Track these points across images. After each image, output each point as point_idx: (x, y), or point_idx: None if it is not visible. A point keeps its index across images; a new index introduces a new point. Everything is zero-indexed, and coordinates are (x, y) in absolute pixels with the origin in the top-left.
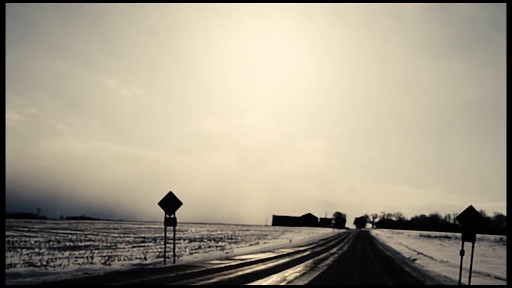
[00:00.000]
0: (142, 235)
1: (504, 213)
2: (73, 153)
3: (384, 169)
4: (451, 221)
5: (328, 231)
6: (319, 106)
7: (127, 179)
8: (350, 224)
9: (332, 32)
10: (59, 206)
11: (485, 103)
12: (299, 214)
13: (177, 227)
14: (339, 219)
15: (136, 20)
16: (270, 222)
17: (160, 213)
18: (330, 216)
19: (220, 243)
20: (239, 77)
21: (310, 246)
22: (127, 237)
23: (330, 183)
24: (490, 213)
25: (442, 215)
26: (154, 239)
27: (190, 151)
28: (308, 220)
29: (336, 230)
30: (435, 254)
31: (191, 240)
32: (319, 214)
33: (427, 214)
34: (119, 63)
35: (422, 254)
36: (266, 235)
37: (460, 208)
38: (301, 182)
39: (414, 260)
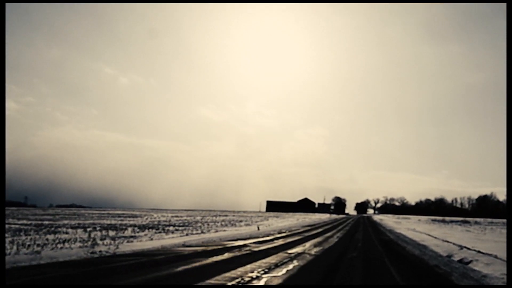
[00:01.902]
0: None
1: None
2: (72, 142)
3: (385, 155)
4: (458, 205)
5: (324, 217)
6: (318, 94)
7: (126, 167)
8: (350, 210)
9: (331, 17)
10: (56, 195)
11: (485, 87)
12: (297, 200)
13: (136, 213)
14: (338, 204)
15: (133, 8)
16: (264, 208)
17: (161, 201)
18: (329, 201)
19: (158, 231)
20: (238, 65)
21: (281, 235)
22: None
23: (330, 171)
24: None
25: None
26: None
27: (189, 139)
28: (304, 206)
29: (334, 216)
30: (481, 246)
31: (140, 227)
32: (318, 200)
33: (431, 198)
34: (116, 51)
35: (461, 246)
36: (241, 221)
37: (463, 194)
38: (301, 169)
39: (464, 261)
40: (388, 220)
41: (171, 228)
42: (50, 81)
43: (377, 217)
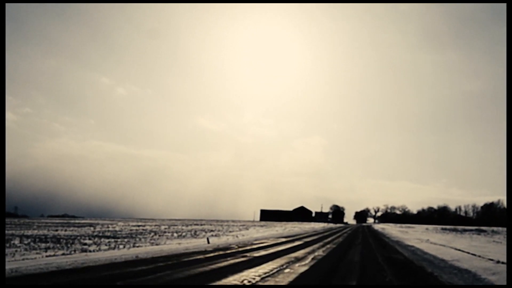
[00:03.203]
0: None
1: None
2: (69, 153)
3: (383, 164)
4: (462, 214)
5: (318, 226)
6: (316, 103)
7: (124, 178)
8: (349, 219)
9: (328, 25)
10: (52, 205)
11: (484, 94)
12: (293, 209)
13: (106, 222)
14: (336, 213)
15: (129, 18)
16: (258, 217)
17: (159, 212)
18: (327, 210)
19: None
20: (235, 75)
21: (232, 251)
22: None
23: (328, 180)
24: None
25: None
26: None
27: (186, 149)
28: (300, 215)
29: (330, 225)
30: None
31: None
32: (316, 209)
33: (434, 207)
34: (113, 61)
35: None
36: (212, 231)
37: (462, 202)
38: (299, 179)
39: None
40: (391, 230)
41: (107, 240)
42: (47, 92)
43: (378, 226)
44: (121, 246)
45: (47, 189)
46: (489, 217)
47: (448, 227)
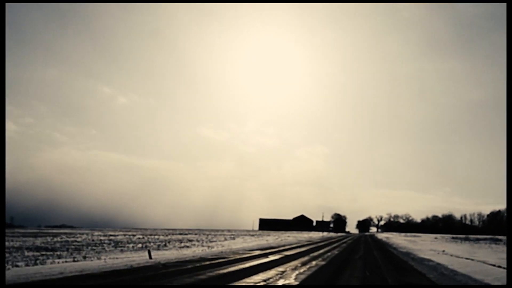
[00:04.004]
0: None
1: None
2: (71, 163)
3: (386, 173)
4: (468, 222)
5: (316, 235)
6: (318, 112)
7: (126, 188)
8: (352, 228)
9: (330, 34)
10: (53, 216)
11: (487, 103)
12: (293, 218)
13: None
14: (338, 222)
15: (131, 26)
16: (257, 226)
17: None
18: (328, 219)
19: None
20: (238, 83)
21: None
22: None
23: (331, 189)
24: None
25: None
26: None
27: (189, 159)
28: (300, 223)
29: (331, 234)
30: None
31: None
32: (318, 218)
33: (438, 215)
34: (114, 70)
35: None
36: (191, 241)
37: (465, 211)
38: (301, 188)
39: None
40: (397, 239)
41: (38, 253)
42: (48, 102)
43: (382, 236)
44: (31, 263)
45: (48, 199)
46: (495, 225)
47: (459, 236)
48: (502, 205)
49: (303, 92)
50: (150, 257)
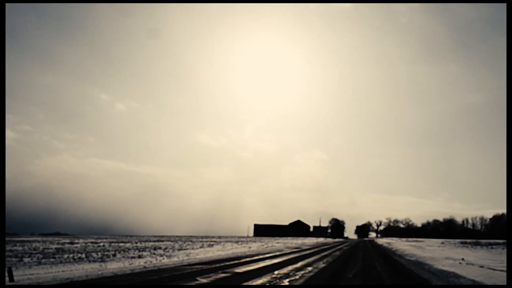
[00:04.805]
0: None
1: None
2: (69, 170)
3: (384, 179)
4: (470, 226)
5: (310, 241)
6: (316, 117)
7: (124, 195)
8: (350, 234)
9: (328, 39)
10: (53, 224)
11: (485, 107)
12: (288, 223)
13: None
14: (336, 227)
15: (128, 32)
16: (252, 233)
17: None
18: (326, 224)
19: None
20: (236, 89)
21: None
22: None
23: (329, 195)
24: None
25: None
26: None
27: (187, 165)
28: (297, 229)
29: (328, 240)
30: None
31: None
32: (315, 224)
33: (439, 219)
34: (112, 76)
35: None
36: (165, 248)
37: (464, 216)
38: (300, 194)
39: None
40: (399, 245)
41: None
42: (46, 109)
43: (383, 241)
44: None
45: (46, 206)
46: (498, 229)
47: (467, 240)
48: (501, 210)
49: (301, 97)
50: (12, 279)
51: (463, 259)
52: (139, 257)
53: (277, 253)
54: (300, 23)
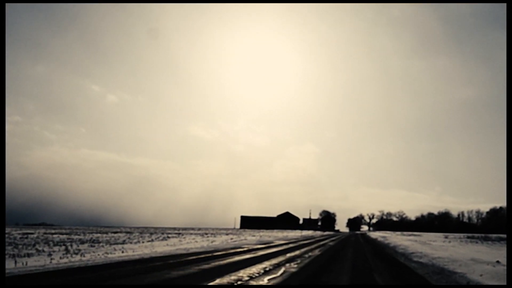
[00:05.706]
0: None
1: None
2: (61, 161)
3: (376, 172)
4: (465, 220)
5: (296, 234)
6: (308, 110)
7: (116, 186)
8: (342, 227)
9: (321, 32)
10: (44, 214)
11: (478, 102)
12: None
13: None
14: (326, 220)
15: (120, 23)
16: (238, 225)
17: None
18: (316, 216)
19: None
20: (228, 81)
21: None
22: None
23: (321, 188)
24: None
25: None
26: None
27: (179, 157)
28: (285, 221)
29: (317, 233)
30: None
31: None
32: (304, 216)
33: (434, 212)
34: (103, 67)
35: None
36: (128, 242)
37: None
38: (292, 187)
39: None
40: (396, 239)
41: None
42: (37, 100)
43: (376, 235)
44: None
45: (37, 197)
46: (496, 223)
47: (474, 235)
48: (494, 204)
49: (294, 90)
50: None
51: (498, 261)
52: (29, 255)
53: (249, 249)
54: (292, 16)
